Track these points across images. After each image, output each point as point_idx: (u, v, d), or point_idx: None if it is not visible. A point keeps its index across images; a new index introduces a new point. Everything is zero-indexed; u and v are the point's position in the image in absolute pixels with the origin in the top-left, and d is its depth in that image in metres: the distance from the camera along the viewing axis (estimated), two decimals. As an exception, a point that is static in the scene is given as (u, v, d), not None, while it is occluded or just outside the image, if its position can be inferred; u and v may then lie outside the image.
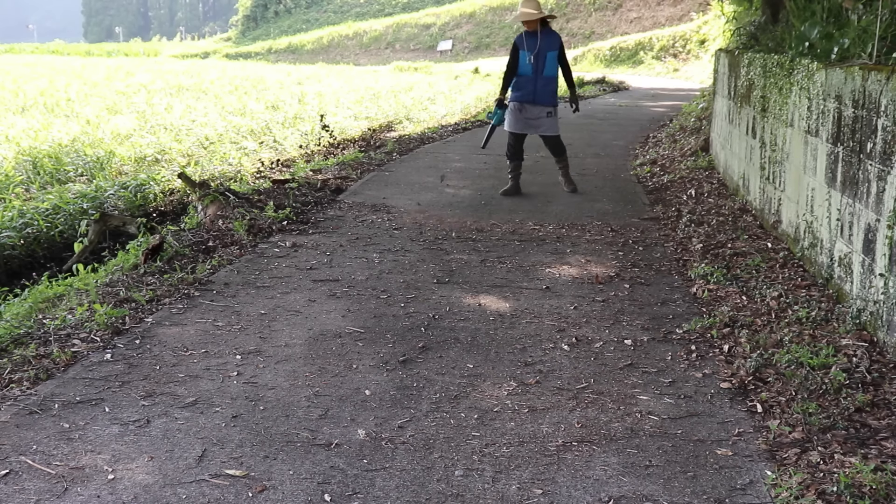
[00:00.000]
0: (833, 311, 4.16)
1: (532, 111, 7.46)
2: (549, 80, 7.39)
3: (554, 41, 7.38)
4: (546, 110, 7.46)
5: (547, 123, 7.54)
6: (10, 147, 10.95)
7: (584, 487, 2.73)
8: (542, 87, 7.37)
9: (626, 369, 3.70)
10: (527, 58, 7.31)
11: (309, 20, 72.77)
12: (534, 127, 7.53)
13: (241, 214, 6.43)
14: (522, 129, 7.59)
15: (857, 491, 2.58)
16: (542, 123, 7.52)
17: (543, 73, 7.33)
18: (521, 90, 7.43)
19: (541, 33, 7.32)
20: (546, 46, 7.31)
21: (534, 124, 7.52)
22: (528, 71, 7.35)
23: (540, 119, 7.49)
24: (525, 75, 7.38)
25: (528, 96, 7.41)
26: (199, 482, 2.75)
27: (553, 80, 7.43)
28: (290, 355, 3.87)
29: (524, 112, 7.48)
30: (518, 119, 7.54)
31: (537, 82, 7.35)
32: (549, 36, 7.38)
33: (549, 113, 7.49)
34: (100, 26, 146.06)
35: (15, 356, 3.81)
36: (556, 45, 7.38)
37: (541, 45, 7.29)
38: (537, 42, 7.30)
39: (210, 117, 14.68)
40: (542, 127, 7.54)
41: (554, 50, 7.34)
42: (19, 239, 6.92)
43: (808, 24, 5.97)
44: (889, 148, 3.66)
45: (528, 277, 5.12)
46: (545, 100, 7.42)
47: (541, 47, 7.29)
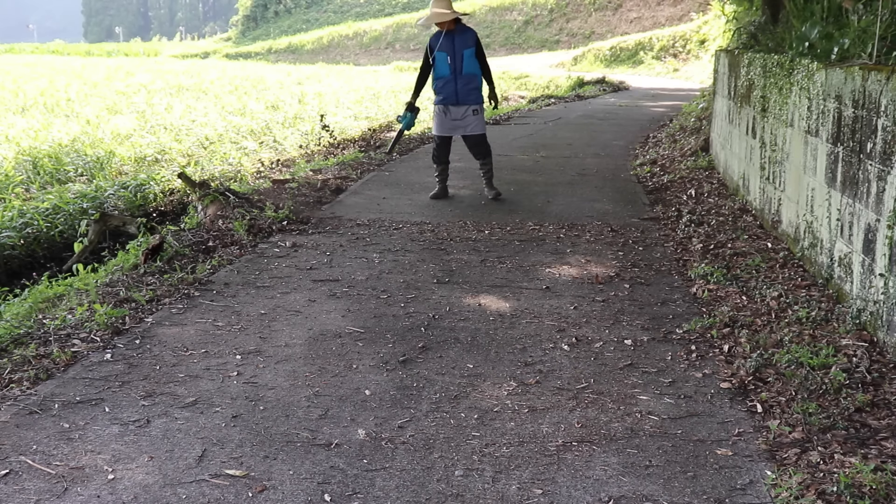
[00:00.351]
0: (833, 311, 4.16)
1: (456, 112, 7.28)
2: (469, 79, 7.19)
3: (469, 38, 7.19)
4: (471, 108, 7.28)
5: (472, 122, 7.34)
6: (10, 147, 10.95)
7: (584, 487, 2.73)
8: (462, 86, 7.18)
9: (626, 369, 3.70)
10: (444, 58, 7.15)
11: (309, 20, 72.79)
12: (460, 127, 7.35)
13: (241, 214, 6.43)
14: (448, 132, 7.40)
15: (857, 491, 2.58)
16: (468, 122, 7.33)
17: (462, 71, 7.14)
18: (442, 92, 7.26)
19: (455, 32, 7.15)
20: (462, 44, 7.14)
21: (459, 125, 7.34)
22: (446, 72, 7.18)
23: (466, 118, 7.30)
24: (444, 77, 7.20)
25: (451, 97, 7.23)
26: (199, 482, 2.75)
27: (473, 77, 7.23)
28: (290, 355, 3.87)
29: (448, 114, 7.31)
30: (443, 122, 7.37)
31: (457, 82, 7.16)
32: (463, 34, 7.19)
33: (475, 111, 7.31)
34: (100, 26, 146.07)
35: (15, 356, 3.81)
36: (472, 42, 7.19)
37: (456, 44, 7.12)
38: (453, 41, 7.13)
39: (210, 117, 14.69)
40: (469, 126, 7.34)
41: (470, 47, 7.16)
42: (19, 239, 6.92)
43: (808, 24, 5.97)
44: (889, 148, 3.66)
45: (528, 277, 5.12)
46: (468, 98, 7.24)
47: (457, 46, 7.12)
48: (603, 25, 45.61)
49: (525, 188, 8.09)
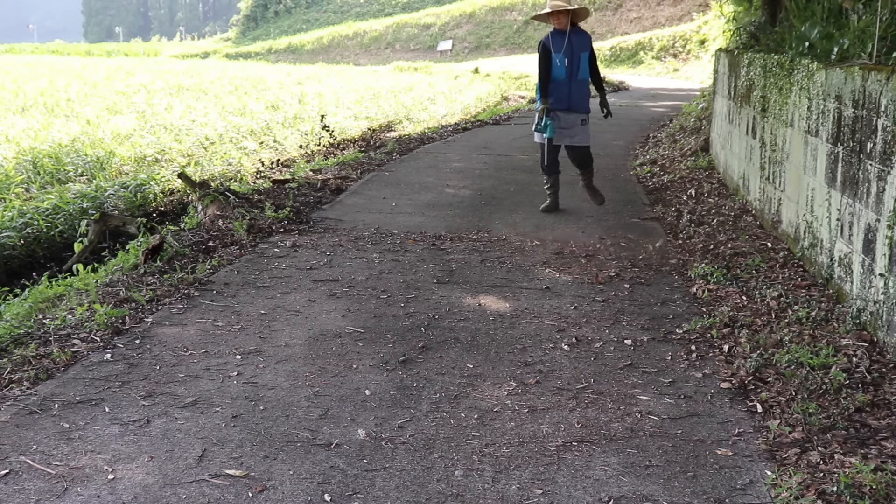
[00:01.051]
0: (833, 311, 4.16)
1: (566, 120, 6.70)
2: (583, 84, 6.68)
3: (585, 40, 6.66)
4: (580, 118, 6.71)
5: (580, 132, 6.77)
6: (10, 147, 10.95)
7: (584, 487, 2.72)
8: (576, 93, 6.64)
9: (626, 369, 3.70)
10: (559, 60, 6.57)
11: (309, 20, 72.77)
12: (567, 136, 6.76)
13: (241, 214, 6.43)
14: (557, 140, 6.80)
15: (857, 491, 2.58)
16: (576, 132, 6.76)
17: (578, 76, 6.60)
18: (553, 97, 6.66)
19: (570, 32, 6.57)
20: (579, 46, 6.59)
21: (567, 134, 6.76)
22: (561, 75, 6.60)
23: (574, 128, 6.74)
24: (558, 80, 6.62)
25: (563, 103, 6.65)
26: (199, 482, 2.75)
27: (587, 83, 6.73)
28: (290, 355, 3.86)
29: (558, 121, 6.71)
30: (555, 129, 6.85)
31: (571, 87, 6.61)
32: (579, 35, 6.64)
33: (583, 120, 6.75)
34: (100, 26, 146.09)
35: (15, 356, 3.81)
36: (588, 45, 6.67)
37: (574, 45, 6.57)
38: (569, 42, 6.56)
39: (210, 117, 14.68)
40: (576, 136, 6.77)
41: (586, 50, 6.63)
42: (19, 239, 6.92)
43: (808, 25, 5.97)
44: (889, 148, 3.66)
45: (528, 277, 5.12)
46: (580, 106, 6.68)
47: (575, 48, 6.56)
48: (603, 25, 45.60)
49: (525, 188, 8.09)
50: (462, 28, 53.89)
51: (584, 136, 6.79)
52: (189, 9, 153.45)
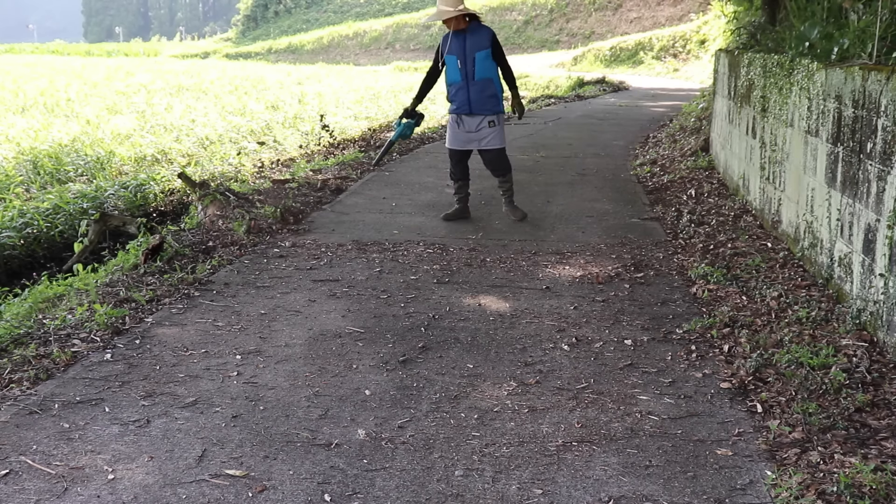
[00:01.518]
0: (833, 311, 4.16)
1: (470, 123, 6.39)
2: (483, 85, 6.28)
3: (482, 38, 6.26)
4: (487, 119, 6.36)
5: (489, 135, 6.41)
6: (10, 147, 10.95)
7: (584, 487, 2.73)
8: (476, 94, 6.29)
9: (626, 369, 3.70)
10: (454, 62, 6.28)
11: (309, 20, 72.79)
12: (474, 140, 6.45)
13: (241, 214, 6.43)
14: (461, 145, 6.52)
15: (857, 491, 2.58)
16: (484, 135, 6.41)
17: (475, 77, 6.25)
18: (454, 101, 6.41)
19: (467, 32, 6.25)
20: (474, 45, 6.23)
21: (474, 138, 6.44)
22: (456, 77, 6.31)
23: (481, 130, 6.39)
24: (455, 83, 6.34)
25: (464, 106, 6.35)
26: (199, 482, 2.75)
27: (489, 83, 6.30)
28: (290, 355, 3.87)
29: (462, 125, 6.43)
30: (456, 134, 6.50)
31: (470, 89, 6.28)
32: (476, 33, 6.27)
33: (492, 122, 6.38)
34: (100, 26, 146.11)
35: (15, 356, 3.81)
36: (487, 42, 6.25)
37: (468, 45, 6.23)
38: (464, 42, 6.24)
39: (210, 117, 14.69)
40: (485, 139, 6.42)
41: (485, 48, 6.23)
42: (19, 239, 6.92)
43: (808, 24, 5.97)
44: (889, 148, 3.66)
45: (528, 277, 5.12)
46: (483, 108, 6.32)
47: (468, 48, 6.23)
48: (603, 25, 45.62)
49: (525, 188, 8.09)
50: (462, 28, 53.85)
51: (494, 138, 6.44)
52: (189, 9, 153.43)
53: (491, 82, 6.32)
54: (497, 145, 6.48)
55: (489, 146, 6.47)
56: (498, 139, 6.46)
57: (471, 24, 6.30)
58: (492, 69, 6.30)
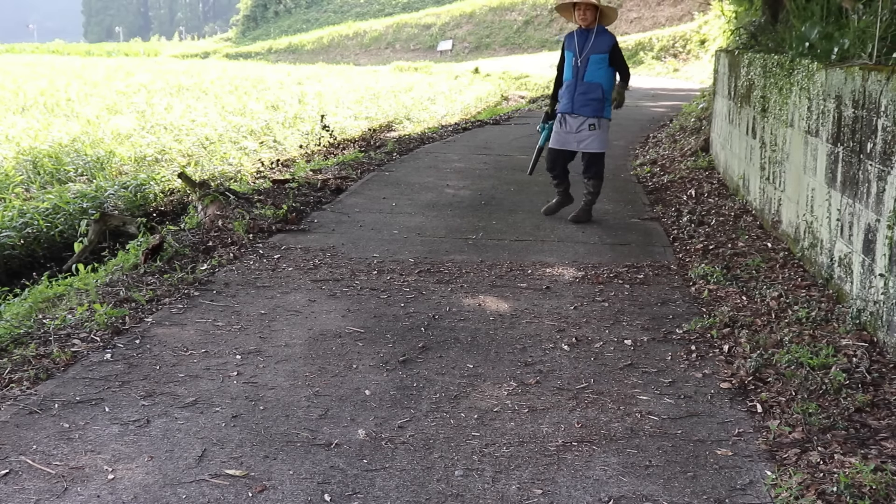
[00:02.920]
0: (833, 311, 4.16)
1: (572, 124, 6.40)
2: (589, 87, 6.28)
3: (604, 42, 6.26)
4: (588, 121, 6.34)
5: (588, 138, 6.40)
6: (10, 147, 10.95)
7: (584, 487, 2.72)
8: (580, 95, 6.30)
9: (626, 369, 3.70)
10: (571, 59, 6.34)
11: (309, 20, 72.78)
12: (574, 142, 6.44)
13: (241, 214, 6.43)
14: (560, 144, 6.51)
15: (857, 491, 2.58)
16: (583, 137, 6.40)
17: (584, 78, 6.27)
18: (561, 99, 6.46)
19: (593, 33, 6.26)
20: (593, 47, 6.24)
21: (573, 139, 6.43)
22: (568, 76, 6.37)
23: (581, 132, 6.38)
24: (566, 81, 6.42)
25: (567, 106, 6.39)
26: (199, 482, 2.75)
27: (595, 87, 6.27)
28: (290, 355, 3.87)
29: (564, 125, 6.45)
30: (557, 133, 6.52)
31: (576, 89, 6.31)
32: (600, 37, 6.28)
33: (592, 125, 6.35)
34: (100, 26, 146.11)
35: (15, 356, 3.81)
36: (606, 48, 6.25)
37: (587, 45, 6.25)
38: (586, 42, 6.27)
39: (210, 117, 14.68)
40: (584, 141, 6.42)
41: (602, 53, 6.24)
42: (19, 239, 6.92)
43: (808, 25, 5.97)
44: (889, 148, 3.66)
45: (528, 277, 5.12)
46: (584, 109, 6.31)
47: (586, 48, 6.25)
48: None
49: (525, 188, 8.09)
50: (462, 28, 53.88)
51: (593, 141, 6.42)
52: (189, 9, 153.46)
53: (599, 87, 6.29)
54: (595, 149, 6.46)
55: (588, 149, 6.46)
56: (597, 143, 6.43)
57: (598, 25, 6.31)
58: (604, 76, 6.29)
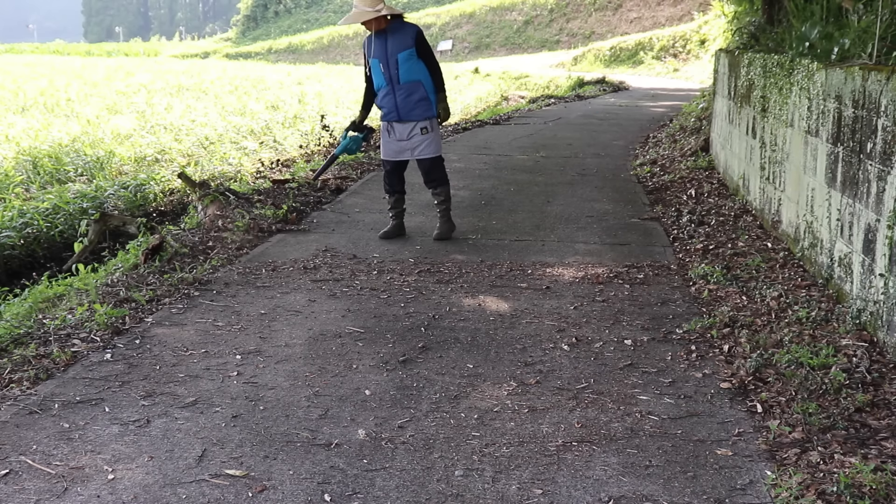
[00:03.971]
0: (833, 311, 4.16)
1: (401, 130, 5.87)
2: (410, 88, 5.76)
3: (406, 36, 5.74)
4: (419, 125, 5.83)
5: (421, 142, 5.88)
6: (10, 147, 10.95)
7: (584, 487, 2.72)
8: (403, 99, 5.77)
9: (626, 369, 3.70)
10: (378, 66, 5.80)
11: (309, 20, 72.80)
12: (408, 150, 5.92)
13: (241, 214, 6.43)
14: (393, 155, 5.98)
15: (857, 491, 2.58)
16: (416, 143, 5.88)
17: (400, 80, 5.74)
18: (382, 107, 5.90)
19: (388, 32, 5.74)
20: (396, 46, 5.72)
21: (406, 146, 5.91)
22: (382, 82, 5.81)
23: (413, 138, 5.86)
24: (381, 88, 5.85)
25: (392, 113, 5.84)
26: (199, 482, 2.75)
27: (416, 86, 5.77)
28: (290, 355, 3.87)
29: (393, 133, 5.91)
30: (387, 143, 5.97)
31: (396, 94, 5.77)
32: (398, 32, 5.75)
33: (424, 129, 5.85)
34: (100, 26, 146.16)
35: (15, 356, 3.81)
36: (411, 41, 5.73)
37: (389, 46, 5.73)
38: (385, 44, 5.75)
39: (210, 117, 14.69)
40: (418, 147, 5.89)
41: (408, 48, 5.71)
42: (19, 239, 6.92)
43: (808, 25, 5.97)
44: (889, 148, 3.66)
45: (528, 277, 5.12)
46: (412, 113, 5.80)
47: (390, 49, 5.73)
48: (603, 25, 45.62)
49: (525, 188, 8.09)
50: (462, 28, 53.89)
51: (428, 145, 5.89)
52: (189, 9, 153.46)
53: (419, 85, 5.79)
54: (431, 154, 5.95)
55: (423, 155, 5.94)
56: (432, 147, 5.94)
57: (392, 23, 5.77)
58: (420, 71, 5.79)
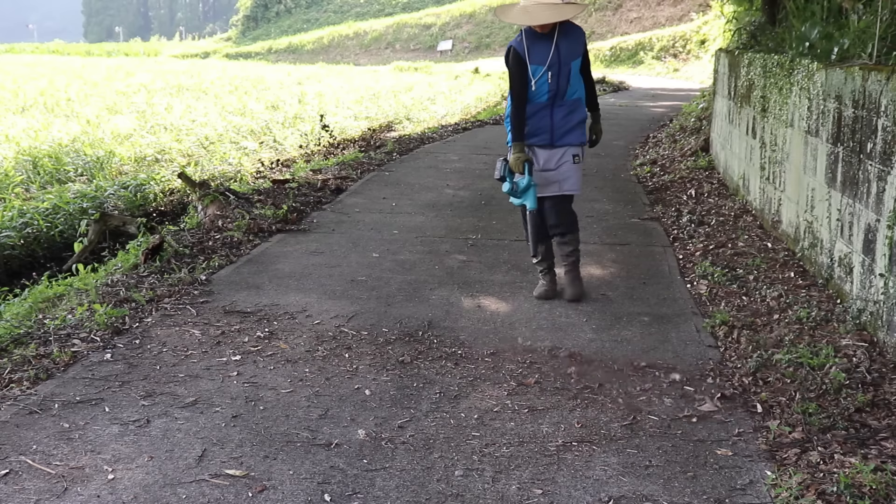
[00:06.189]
0: (833, 311, 4.16)
1: (548, 158, 4.51)
2: (573, 106, 4.47)
3: (576, 42, 4.44)
4: (571, 152, 4.51)
5: (569, 175, 4.55)
6: (10, 147, 10.95)
7: (584, 487, 2.72)
8: (562, 119, 4.45)
9: (627, 369, 3.70)
10: (546, 76, 4.38)
11: (309, 20, 72.80)
12: (555, 182, 4.54)
13: (241, 214, 6.43)
14: (541, 191, 4.57)
15: (857, 491, 2.58)
16: (566, 174, 4.53)
17: (566, 95, 4.42)
18: (531, 128, 4.49)
19: (558, 33, 4.38)
20: (570, 53, 4.39)
21: (553, 178, 4.53)
22: (543, 95, 4.41)
23: (561, 167, 4.51)
24: (536, 103, 4.44)
25: (545, 136, 4.48)
26: (199, 482, 2.75)
27: (578, 103, 4.51)
28: (290, 355, 3.86)
29: (539, 163, 4.53)
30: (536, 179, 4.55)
31: (554, 112, 4.43)
32: (570, 34, 4.43)
33: (577, 157, 4.53)
34: (100, 26, 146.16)
35: (15, 356, 3.81)
36: (580, 48, 4.45)
37: (562, 51, 4.37)
38: (556, 48, 4.37)
39: (210, 117, 14.68)
40: (568, 180, 4.55)
41: (578, 56, 4.43)
42: (19, 239, 6.92)
43: (808, 25, 5.97)
44: (889, 148, 3.66)
45: (528, 277, 5.12)
46: (569, 137, 4.49)
47: (563, 56, 4.37)
48: (603, 25, 45.60)
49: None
50: (462, 28, 53.88)
51: (573, 180, 4.59)
52: (189, 9, 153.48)
53: (580, 103, 4.54)
54: (576, 189, 4.63)
55: (570, 189, 4.59)
56: (578, 181, 4.62)
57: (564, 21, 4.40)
58: (581, 84, 4.53)
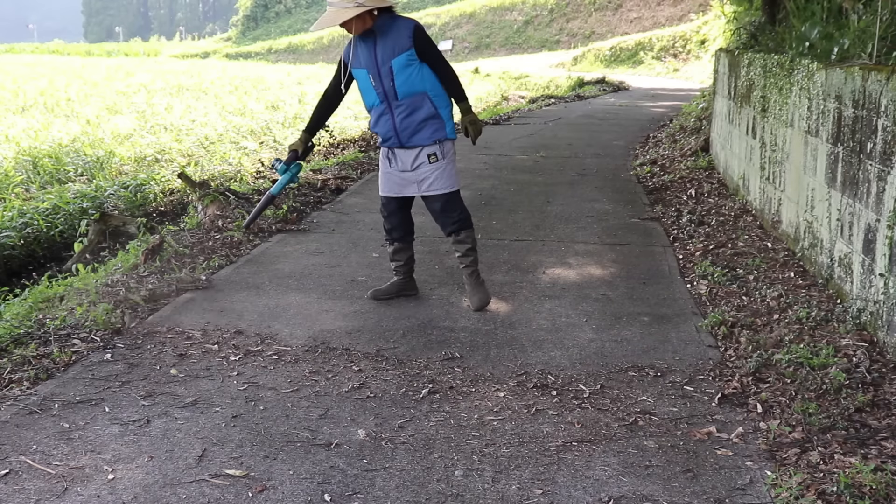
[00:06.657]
0: (833, 311, 4.16)
1: (405, 159, 4.39)
2: (412, 104, 4.27)
3: (399, 37, 4.18)
4: (427, 153, 4.35)
5: (431, 174, 4.37)
6: (10, 147, 10.95)
7: (584, 487, 2.72)
8: (403, 120, 4.29)
9: (627, 369, 3.70)
10: (366, 78, 4.29)
11: (309, 20, 72.81)
12: (413, 183, 4.41)
13: (241, 214, 6.43)
14: (397, 191, 4.48)
15: (857, 491, 2.58)
16: (424, 174, 4.37)
17: (398, 94, 4.25)
18: (377, 131, 4.44)
19: (377, 34, 4.20)
20: (387, 50, 4.19)
21: (412, 178, 4.40)
22: (374, 100, 4.34)
23: (419, 168, 4.37)
24: (373, 106, 4.38)
25: (391, 137, 4.37)
26: (199, 482, 2.75)
27: (419, 99, 4.27)
28: (290, 355, 3.86)
29: (395, 162, 4.43)
30: (388, 175, 4.49)
31: (394, 114, 4.30)
32: (389, 31, 4.20)
33: (433, 156, 4.35)
34: (100, 26, 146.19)
35: (15, 356, 3.81)
36: (406, 42, 4.18)
37: (378, 51, 4.21)
38: (373, 48, 4.23)
39: (210, 117, 14.69)
40: (427, 181, 4.38)
41: (403, 50, 4.18)
42: (19, 239, 6.92)
43: (808, 25, 5.97)
44: (889, 148, 3.66)
45: (528, 277, 5.12)
46: (416, 137, 4.32)
47: (379, 56, 4.21)
48: (603, 25, 45.63)
49: (525, 188, 8.09)
50: (462, 28, 53.89)
51: (438, 178, 4.38)
52: (189, 9, 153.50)
53: (424, 98, 4.28)
54: (444, 189, 4.41)
55: (432, 190, 4.41)
56: (444, 179, 4.40)
57: (379, 19, 4.19)
58: (422, 79, 4.26)
